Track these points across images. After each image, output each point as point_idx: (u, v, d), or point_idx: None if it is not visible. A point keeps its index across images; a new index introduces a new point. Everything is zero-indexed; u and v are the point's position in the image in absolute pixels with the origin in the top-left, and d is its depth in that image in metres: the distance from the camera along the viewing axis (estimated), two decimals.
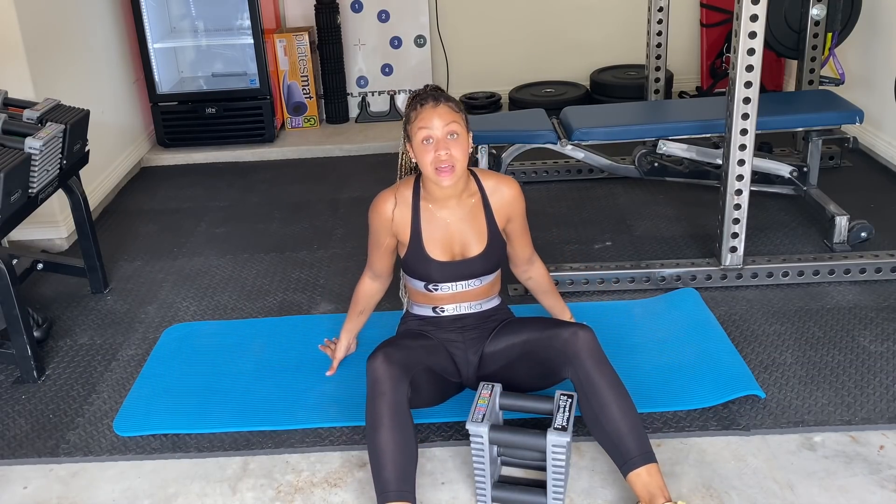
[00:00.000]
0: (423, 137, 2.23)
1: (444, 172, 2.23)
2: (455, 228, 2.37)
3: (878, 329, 2.83)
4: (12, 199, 2.66)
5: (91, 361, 2.90)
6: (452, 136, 2.23)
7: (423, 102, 2.25)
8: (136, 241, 3.83)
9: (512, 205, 2.41)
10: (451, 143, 2.22)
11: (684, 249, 3.44)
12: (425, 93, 2.28)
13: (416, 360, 2.25)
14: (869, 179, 4.04)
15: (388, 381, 2.12)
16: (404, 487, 2.04)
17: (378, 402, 2.11)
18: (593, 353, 2.17)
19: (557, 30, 5.34)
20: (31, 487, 2.35)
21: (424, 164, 2.25)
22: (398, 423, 2.08)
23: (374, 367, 2.15)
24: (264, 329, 3.01)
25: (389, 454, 2.05)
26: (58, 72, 3.76)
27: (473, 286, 2.41)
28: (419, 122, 2.24)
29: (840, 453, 2.29)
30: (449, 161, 2.22)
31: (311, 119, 5.13)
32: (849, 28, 4.00)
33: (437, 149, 2.22)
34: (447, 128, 2.22)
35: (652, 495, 2.03)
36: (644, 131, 3.52)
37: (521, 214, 2.45)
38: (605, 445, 2.13)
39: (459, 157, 2.24)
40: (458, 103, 2.30)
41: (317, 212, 4.05)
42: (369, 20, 5.20)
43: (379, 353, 2.17)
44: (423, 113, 2.23)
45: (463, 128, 2.26)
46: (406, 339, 2.37)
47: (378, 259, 2.51)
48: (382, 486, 2.04)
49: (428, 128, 2.22)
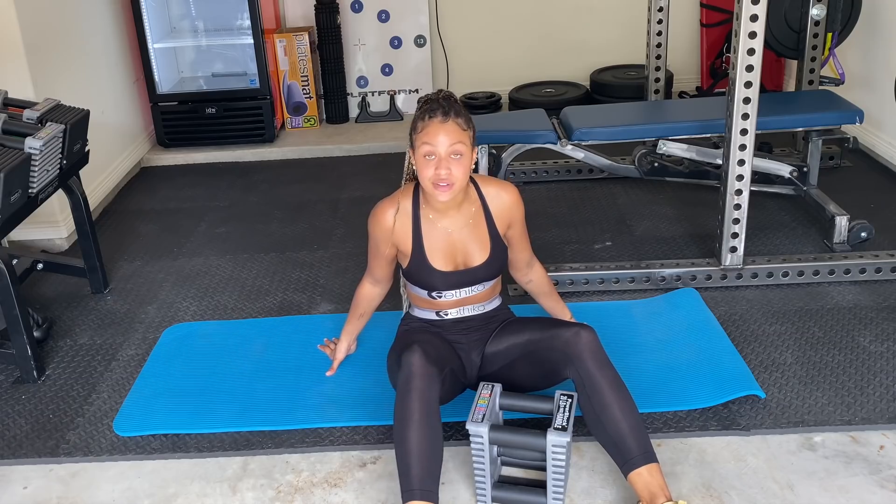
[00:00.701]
0: (426, 153, 2.20)
1: (442, 189, 2.22)
2: (457, 238, 2.36)
3: (878, 329, 2.83)
4: (12, 199, 2.66)
5: (91, 361, 2.90)
6: (456, 156, 2.20)
7: (433, 115, 2.19)
8: (136, 241, 3.83)
9: (512, 210, 2.40)
10: (453, 163, 2.19)
11: (684, 249, 3.44)
12: (436, 103, 2.21)
13: (446, 359, 2.26)
14: (869, 179, 4.04)
15: (423, 377, 2.09)
16: (429, 487, 2.03)
17: (411, 397, 2.07)
18: (595, 353, 2.17)
19: (557, 30, 5.34)
20: (31, 487, 2.35)
21: (423, 178, 2.23)
22: (429, 421, 2.06)
23: (410, 362, 2.11)
24: (264, 329, 3.01)
25: (417, 452, 2.03)
26: (58, 72, 3.76)
27: (476, 291, 2.41)
28: (424, 135, 2.20)
29: (840, 453, 2.29)
30: (449, 180, 2.20)
31: (311, 119, 5.13)
32: (849, 28, 4.00)
33: (438, 167, 2.19)
34: (452, 147, 2.18)
35: (653, 494, 2.02)
36: (644, 131, 3.52)
37: (521, 219, 2.44)
38: (606, 445, 2.13)
39: (460, 177, 2.21)
40: (468, 118, 2.25)
41: (317, 212, 4.05)
42: (369, 20, 5.20)
43: (416, 349, 2.13)
44: (430, 127, 2.19)
45: (468, 147, 2.22)
46: (433, 338, 2.35)
47: (378, 267, 2.51)
48: (408, 483, 2.02)
49: (431, 144, 2.18)
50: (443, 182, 2.20)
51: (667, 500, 2.01)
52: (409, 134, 2.30)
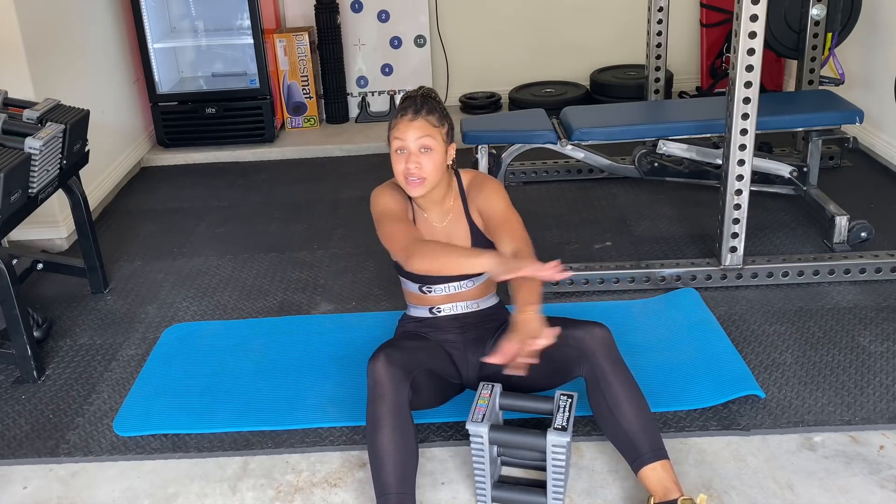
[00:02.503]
0: (396, 148, 2.25)
1: (413, 184, 2.25)
2: (441, 232, 2.37)
3: (878, 329, 2.83)
4: (12, 199, 2.66)
5: (91, 361, 2.90)
6: (425, 151, 2.23)
7: (404, 113, 2.25)
8: (136, 241, 3.83)
9: (482, 193, 2.34)
10: (422, 157, 2.23)
11: (684, 249, 3.44)
12: (410, 101, 2.28)
13: (417, 362, 2.24)
14: (869, 179, 4.04)
15: (388, 382, 2.11)
16: (404, 490, 2.04)
17: (378, 403, 2.10)
18: (609, 350, 2.18)
19: (557, 30, 5.33)
20: (31, 487, 2.35)
21: (396, 173, 2.28)
22: (399, 425, 2.08)
23: (374, 369, 2.14)
24: (264, 329, 3.01)
25: (389, 456, 2.05)
26: (58, 72, 3.76)
27: (467, 287, 2.41)
28: (394, 131, 2.26)
29: (840, 453, 2.29)
30: (418, 174, 2.23)
31: (311, 119, 5.13)
32: (849, 28, 4.00)
33: (407, 161, 2.23)
34: (419, 142, 2.22)
35: (667, 489, 2.03)
36: (644, 131, 3.52)
37: (494, 198, 2.32)
38: (618, 442, 2.13)
39: (430, 171, 2.24)
40: (443, 115, 2.27)
41: (317, 212, 4.05)
42: (369, 20, 5.20)
43: (380, 355, 2.16)
44: (400, 124, 2.25)
45: (439, 142, 2.24)
46: (406, 341, 2.36)
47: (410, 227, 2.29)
48: (382, 488, 2.04)
49: (401, 139, 2.24)
50: (412, 176, 2.24)
51: (681, 495, 2.02)
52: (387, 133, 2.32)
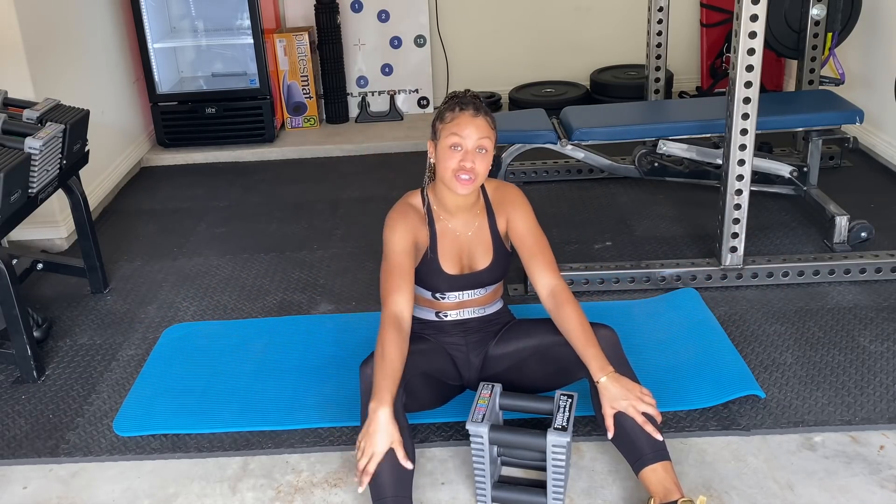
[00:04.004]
0: (453, 143, 2.20)
1: (464, 182, 2.21)
2: (464, 240, 2.35)
3: (878, 329, 2.83)
4: (12, 199, 2.66)
5: (91, 361, 2.90)
6: (481, 151, 2.21)
7: (464, 107, 2.21)
8: (136, 241, 3.83)
9: (509, 203, 2.36)
10: (477, 157, 2.20)
11: (684, 249, 3.44)
12: (467, 98, 2.23)
13: (411, 366, 2.20)
14: (869, 179, 4.04)
15: None
16: (400, 493, 2.03)
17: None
18: (615, 352, 2.18)
19: (557, 30, 5.34)
20: (31, 487, 2.35)
21: (445, 169, 2.22)
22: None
23: (367, 374, 2.13)
24: (264, 329, 3.01)
25: (384, 460, 2.02)
26: (58, 72, 3.76)
27: (479, 294, 2.40)
28: (453, 125, 2.20)
29: (840, 453, 2.29)
30: (472, 173, 2.20)
31: (311, 119, 5.13)
32: (849, 28, 4.00)
33: (463, 159, 2.19)
34: (479, 141, 2.20)
35: (668, 490, 2.03)
36: (644, 131, 3.52)
37: (525, 218, 2.35)
38: (619, 442, 2.12)
39: (481, 172, 2.22)
40: (494, 121, 2.27)
41: (317, 212, 4.05)
42: (369, 20, 5.20)
43: (371, 360, 2.15)
44: (461, 118, 2.20)
45: (493, 145, 2.24)
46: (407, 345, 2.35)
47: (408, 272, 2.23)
48: (378, 491, 2.02)
49: (460, 135, 2.19)
50: (465, 174, 2.20)
51: (682, 496, 2.01)
52: (433, 124, 2.27)
